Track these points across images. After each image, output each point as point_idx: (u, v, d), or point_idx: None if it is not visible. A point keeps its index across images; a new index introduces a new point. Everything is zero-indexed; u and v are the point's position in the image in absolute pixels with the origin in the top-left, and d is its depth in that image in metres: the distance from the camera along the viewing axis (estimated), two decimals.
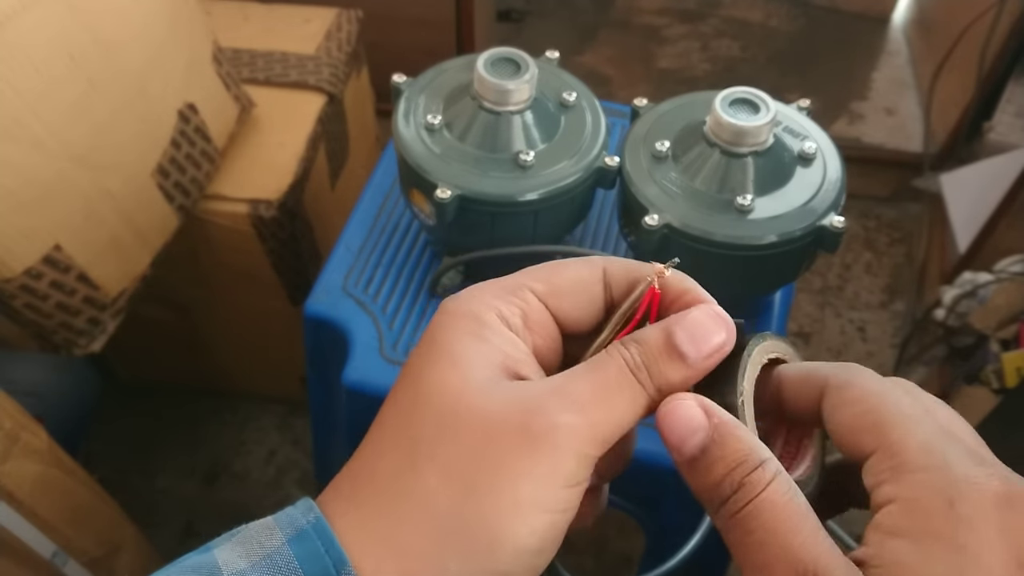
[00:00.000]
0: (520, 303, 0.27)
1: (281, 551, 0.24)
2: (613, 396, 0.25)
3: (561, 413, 0.24)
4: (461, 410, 0.25)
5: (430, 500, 0.24)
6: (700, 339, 0.26)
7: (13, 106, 0.63)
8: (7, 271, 0.66)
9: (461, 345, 0.26)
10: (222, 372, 1.17)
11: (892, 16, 1.85)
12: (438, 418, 0.25)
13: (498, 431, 0.24)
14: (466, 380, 0.25)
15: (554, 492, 0.24)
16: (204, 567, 0.24)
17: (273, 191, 0.89)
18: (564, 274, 0.28)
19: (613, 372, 0.25)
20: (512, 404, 0.25)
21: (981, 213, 1.13)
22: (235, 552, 0.24)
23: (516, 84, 0.55)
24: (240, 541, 0.25)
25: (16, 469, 0.65)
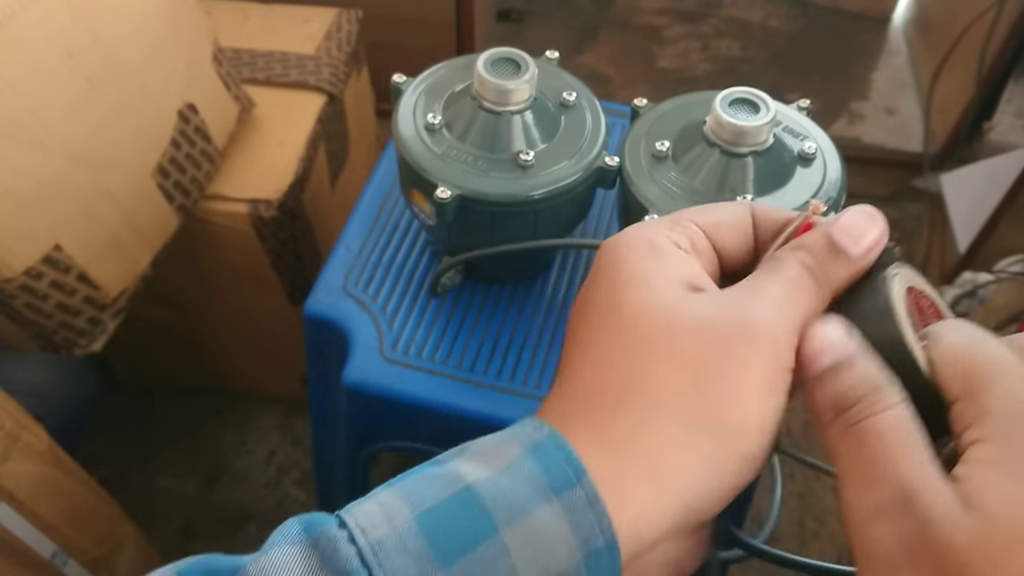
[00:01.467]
0: (685, 230, 0.29)
1: (522, 460, 0.25)
2: (797, 293, 0.27)
3: (762, 306, 0.26)
4: (668, 325, 0.26)
5: (662, 397, 0.25)
6: (858, 235, 0.27)
7: (12, 106, 0.63)
8: (7, 271, 0.66)
9: (645, 266, 0.27)
10: (222, 372, 1.17)
11: (892, 16, 1.85)
12: (647, 337, 0.26)
13: (711, 333, 0.26)
14: (663, 298, 0.27)
15: (775, 375, 0.26)
16: (447, 475, 0.25)
17: (273, 191, 0.89)
18: (720, 209, 0.30)
19: (794, 272, 0.27)
20: (717, 307, 0.26)
21: (981, 213, 1.13)
22: (473, 462, 0.25)
23: (516, 84, 0.55)
24: (474, 454, 0.26)
25: (16, 469, 0.65)
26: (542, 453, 0.25)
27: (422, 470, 0.25)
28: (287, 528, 0.25)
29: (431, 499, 0.24)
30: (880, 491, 0.23)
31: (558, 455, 0.24)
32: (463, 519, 0.23)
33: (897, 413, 0.24)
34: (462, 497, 0.24)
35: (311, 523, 0.25)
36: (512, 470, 0.24)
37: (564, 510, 0.23)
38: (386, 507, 0.24)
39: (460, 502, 0.24)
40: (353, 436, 0.66)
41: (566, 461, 0.24)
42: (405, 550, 0.23)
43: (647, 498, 0.24)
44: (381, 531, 0.23)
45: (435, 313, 0.64)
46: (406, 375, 0.60)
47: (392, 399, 0.59)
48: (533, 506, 0.23)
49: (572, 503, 0.24)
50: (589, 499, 0.24)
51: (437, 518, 0.23)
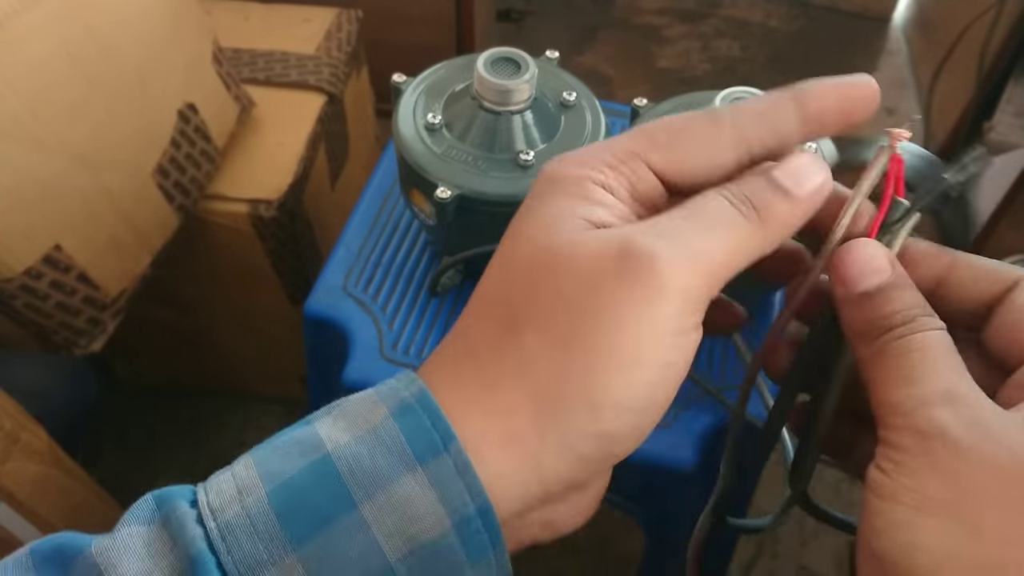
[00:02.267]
0: (629, 174, 0.25)
1: (386, 425, 0.23)
2: (713, 224, 0.24)
3: (656, 240, 0.23)
4: (552, 262, 0.23)
5: (528, 361, 0.23)
6: (801, 176, 0.25)
7: (12, 106, 0.63)
8: (7, 271, 0.66)
9: (553, 203, 0.25)
10: (222, 372, 1.17)
11: (892, 16, 1.85)
12: (530, 275, 0.24)
13: (592, 274, 0.23)
14: (555, 233, 0.24)
15: (657, 339, 0.23)
16: (306, 440, 0.23)
17: (273, 191, 0.89)
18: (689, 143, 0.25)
19: (711, 202, 0.24)
20: (604, 243, 0.23)
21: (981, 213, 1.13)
22: (337, 426, 0.23)
23: (516, 84, 0.55)
24: (341, 414, 0.24)
25: (16, 469, 0.65)
26: (408, 415, 0.23)
27: (289, 432, 0.24)
28: (141, 504, 0.24)
29: (286, 471, 0.22)
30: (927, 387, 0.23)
31: (424, 419, 0.23)
32: (318, 493, 0.22)
33: (942, 335, 0.24)
34: (318, 468, 0.22)
35: (164, 498, 0.23)
36: (374, 436, 0.23)
37: (430, 481, 0.22)
38: (240, 481, 0.23)
39: (315, 474, 0.22)
40: None
41: (433, 425, 0.23)
42: (255, 532, 0.22)
43: (501, 465, 0.23)
44: (231, 511, 0.22)
45: (435, 313, 0.64)
46: None
47: None
48: (396, 476, 0.22)
49: (439, 473, 0.22)
50: (458, 468, 0.22)
51: (291, 492, 0.22)
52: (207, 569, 0.21)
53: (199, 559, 0.21)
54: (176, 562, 0.22)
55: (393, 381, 0.24)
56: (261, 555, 0.22)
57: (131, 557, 0.22)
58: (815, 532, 1.14)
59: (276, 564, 0.21)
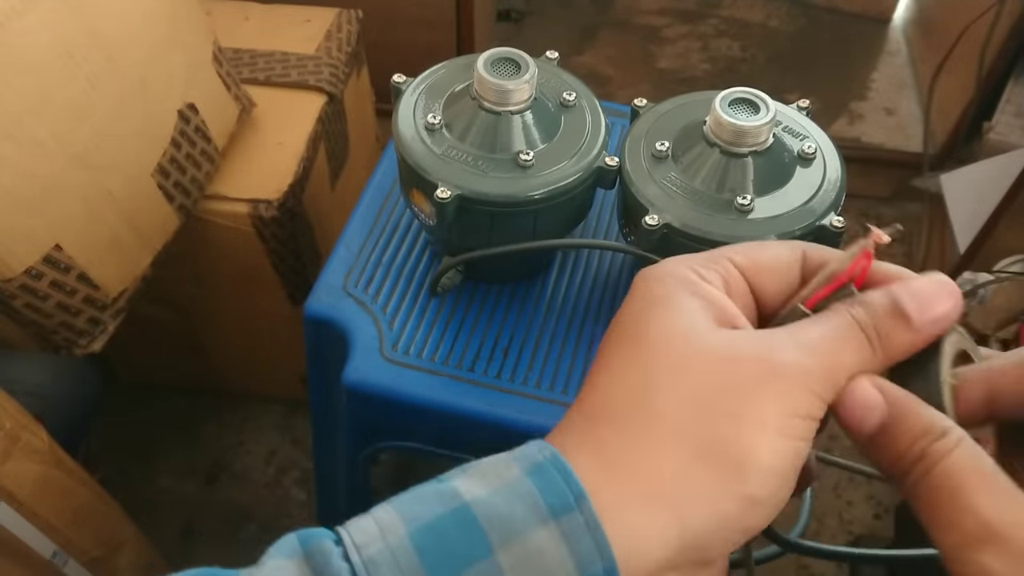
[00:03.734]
0: (721, 270, 0.28)
1: (520, 481, 0.24)
2: (842, 346, 0.25)
3: (795, 351, 0.25)
4: (690, 352, 0.25)
5: (672, 423, 0.24)
6: (926, 303, 0.26)
7: (13, 106, 0.63)
8: (7, 271, 0.66)
9: (679, 297, 0.27)
10: (222, 372, 1.17)
11: (892, 16, 1.85)
12: (667, 361, 0.25)
13: (731, 367, 0.25)
14: (691, 325, 0.26)
15: (793, 419, 0.25)
16: (445, 492, 0.24)
17: (273, 191, 0.89)
18: (764, 251, 0.29)
19: (844, 324, 0.26)
20: (745, 342, 0.25)
21: (981, 213, 1.13)
22: (472, 480, 0.25)
23: (516, 84, 0.55)
24: (476, 474, 0.25)
25: (16, 469, 0.65)
26: (541, 474, 0.24)
27: (424, 486, 0.25)
28: (284, 541, 0.25)
29: (426, 515, 0.24)
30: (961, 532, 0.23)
31: (557, 477, 0.24)
32: (457, 537, 0.23)
33: (961, 453, 0.24)
34: (457, 514, 0.24)
35: (308, 537, 0.25)
36: (510, 489, 0.24)
37: (562, 535, 0.23)
38: (382, 523, 0.24)
39: (455, 520, 0.24)
40: (353, 436, 0.66)
41: (566, 483, 0.24)
42: (397, 567, 0.23)
43: (642, 522, 0.24)
44: (375, 548, 0.23)
45: (435, 313, 0.64)
46: (406, 375, 0.60)
47: (392, 399, 0.59)
48: (530, 528, 0.23)
49: (571, 528, 0.23)
50: (588, 525, 0.23)
51: (431, 535, 0.23)
52: None
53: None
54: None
55: (525, 446, 0.26)
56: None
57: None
58: (815, 532, 1.14)
59: None
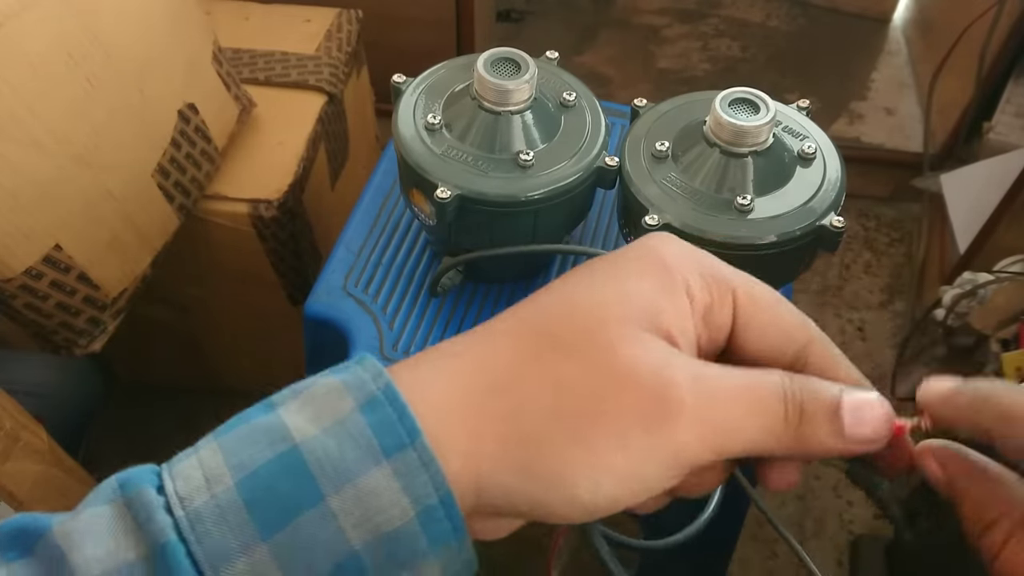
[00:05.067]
0: (715, 296, 0.26)
1: (353, 418, 0.23)
2: (753, 410, 0.24)
3: (696, 404, 0.23)
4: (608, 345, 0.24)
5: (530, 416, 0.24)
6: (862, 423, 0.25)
7: (12, 106, 0.63)
8: (7, 271, 0.66)
9: (637, 284, 0.25)
10: (222, 372, 1.17)
11: (892, 16, 1.85)
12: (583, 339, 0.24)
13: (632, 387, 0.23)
14: (627, 319, 0.24)
15: (643, 481, 0.24)
16: (274, 430, 0.24)
17: (273, 191, 0.89)
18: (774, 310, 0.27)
19: (768, 385, 0.25)
20: (657, 361, 0.24)
21: (981, 213, 1.13)
22: (303, 414, 0.24)
23: (516, 84, 0.55)
24: (307, 401, 0.24)
25: (16, 469, 0.65)
26: (374, 410, 0.23)
27: (253, 415, 0.25)
28: (104, 486, 0.24)
29: (255, 460, 0.23)
30: None
31: (391, 413, 0.23)
32: (287, 485, 0.23)
33: None
34: (287, 460, 0.23)
35: (127, 482, 0.24)
36: (342, 428, 0.23)
37: (395, 473, 0.23)
38: (207, 469, 0.23)
39: (284, 466, 0.23)
40: None
41: (399, 420, 0.23)
42: (225, 521, 0.22)
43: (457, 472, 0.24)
44: (200, 500, 0.22)
45: (435, 313, 0.64)
46: None
47: None
48: (362, 469, 0.23)
49: (404, 465, 0.23)
50: (423, 461, 0.23)
51: (259, 483, 0.23)
52: (177, 558, 0.22)
53: (168, 547, 0.22)
54: (142, 547, 0.22)
55: (359, 369, 0.25)
56: (231, 544, 0.22)
57: (94, 539, 0.22)
58: (815, 532, 1.14)
59: (245, 553, 0.22)
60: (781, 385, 0.25)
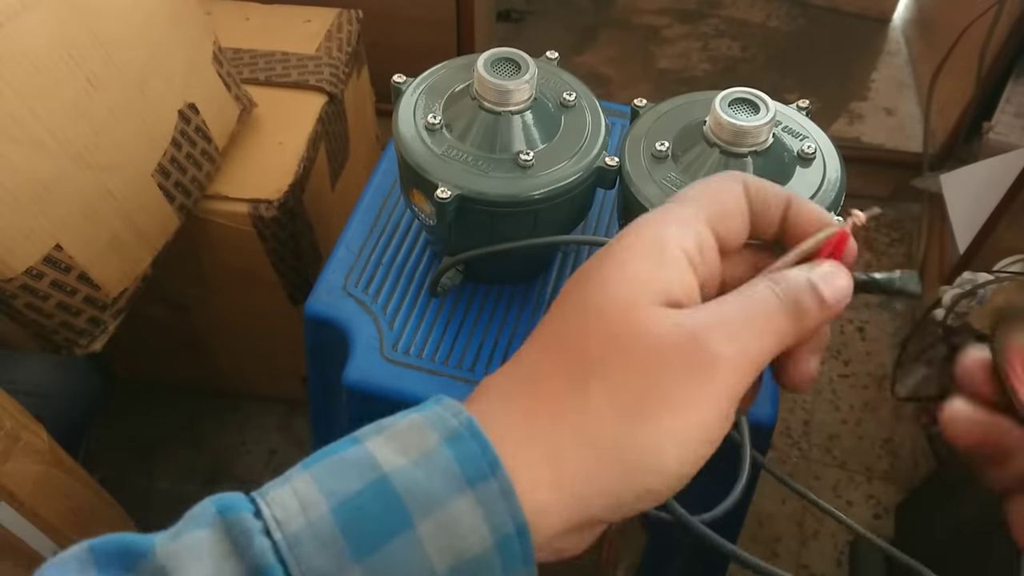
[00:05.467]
0: (697, 235, 0.29)
1: (439, 451, 0.25)
2: (763, 325, 0.27)
3: (722, 343, 0.26)
4: (632, 332, 0.26)
5: (594, 420, 0.26)
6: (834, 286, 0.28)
7: (13, 106, 0.63)
8: (8, 271, 0.66)
9: (636, 266, 0.27)
10: (222, 372, 1.17)
11: (892, 16, 1.85)
12: (608, 336, 0.26)
13: (666, 358, 0.26)
14: (637, 302, 0.27)
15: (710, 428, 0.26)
16: (363, 461, 0.25)
17: (273, 191, 0.89)
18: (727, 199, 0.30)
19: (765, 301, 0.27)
20: (680, 330, 0.26)
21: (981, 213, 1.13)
22: (390, 448, 0.25)
23: (516, 84, 0.55)
24: (392, 436, 0.26)
25: (17, 469, 0.65)
26: (458, 444, 0.25)
27: (340, 449, 0.26)
28: (201, 510, 0.25)
29: (347, 489, 0.24)
30: None
31: (474, 446, 0.25)
32: (378, 510, 0.24)
33: None
34: (377, 487, 0.24)
35: (226, 507, 0.25)
36: (428, 460, 0.25)
37: (477, 502, 0.24)
38: (302, 497, 0.24)
39: (375, 493, 0.24)
40: None
41: (482, 452, 0.25)
42: (321, 545, 0.23)
43: (547, 500, 0.25)
44: (297, 524, 0.24)
45: (435, 313, 0.64)
46: (406, 375, 0.60)
47: (392, 399, 0.59)
48: (448, 498, 0.24)
49: (486, 495, 0.24)
50: (503, 491, 0.24)
51: (352, 510, 0.24)
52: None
53: (269, 570, 0.23)
54: (241, 569, 0.23)
55: (439, 408, 0.26)
56: (327, 567, 0.23)
57: (197, 561, 0.23)
58: (815, 532, 1.14)
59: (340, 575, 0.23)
60: (774, 292, 0.27)
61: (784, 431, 1.23)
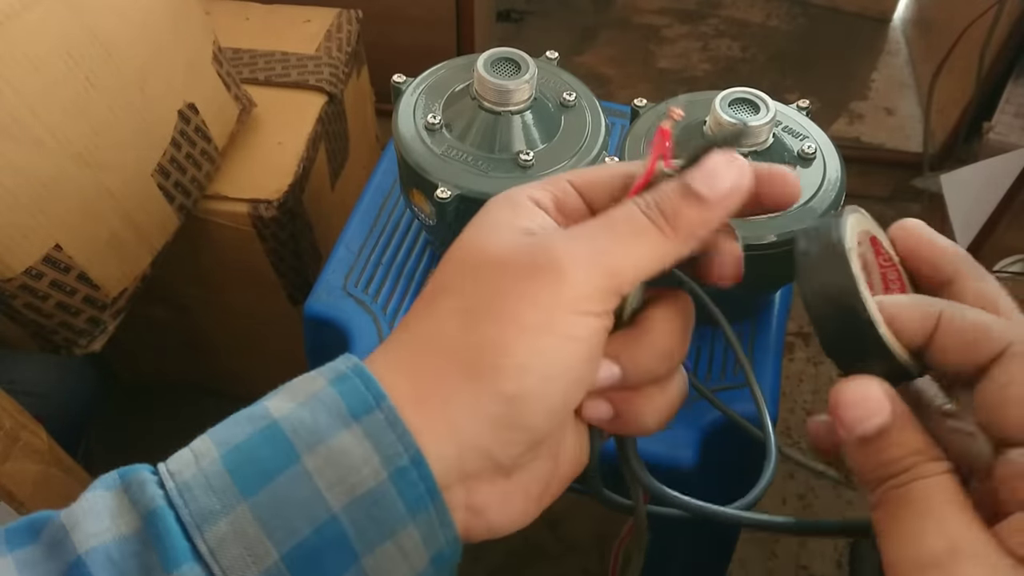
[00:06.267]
0: (554, 190, 0.29)
1: (325, 391, 0.25)
2: (622, 230, 0.26)
3: (565, 242, 0.26)
4: (478, 256, 0.27)
5: (440, 329, 0.26)
6: (714, 178, 0.26)
7: (12, 106, 0.63)
8: (7, 271, 0.66)
9: (490, 215, 0.28)
10: (222, 372, 1.17)
11: (892, 16, 1.85)
12: (459, 266, 0.27)
13: (506, 265, 0.26)
14: (488, 235, 0.27)
15: (560, 316, 0.25)
16: (255, 411, 0.26)
17: (273, 191, 0.89)
18: (598, 171, 0.30)
19: (622, 212, 0.27)
20: (523, 243, 0.26)
21: (981, 213, 1.13)
22: (281, 397, 0.26)
23: (516, 84, 0.55)
24: (286, 390, 0.27)
25: (16, 469, 0.65)
26: (343, 382, 0.26)
27: (240, 412, 0.27)
28: (106, 476, 0.26)
29: (237, 437, 0.25)
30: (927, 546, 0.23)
31: (358, 382, 0.25)
32: (266, 451, 0.24)
33: (944, 479, 0.24)
34: (266, 432, 0.25)
35: (127, 470, 0.26)
36: (315, 400, 0.25)
37: (364, 433, 0.24)
38: (196, 450, 0.25)
39: (264, 437, 0.25)
40: None
41: (366, 387, 0.25)
42: (210, 487, 0.24)
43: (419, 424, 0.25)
44: (188, 473, 0.24)
45: None
46: None
47: None
48: (333, 431, 0.24)
49: (372, 426, 0.24)
50: (389, 421, 0.24)
51: (241, 454, 0.25)
52: (167, 523, 0.23)
53: (158, 513, 0.24)
54: (136, 519, 0.24)
55: (336, 362, 0.27)
56: (215, 506, 0.24)
57: (94, 516, 0.24)
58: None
59: (228, 513, 0.24)
60: (635, 205, 0.27)
61: (784, 431, 1.23)
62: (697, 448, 0.57)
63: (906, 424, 0.25)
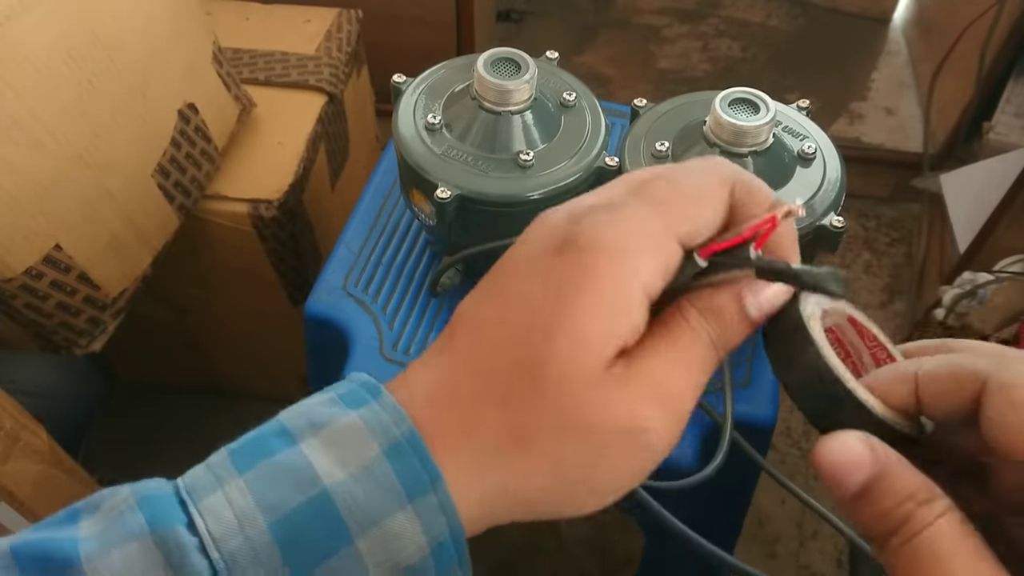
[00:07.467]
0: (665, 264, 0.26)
1: (379, 464, 0.24)
2: (694, 370, 0.26)
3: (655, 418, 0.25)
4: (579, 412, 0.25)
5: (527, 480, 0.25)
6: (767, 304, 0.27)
7: (12, 106, 0.63)
8: (7, 271, 0.66)
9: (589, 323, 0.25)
10: (222, 372, 1.17)
11: (892, 16, 1.85)
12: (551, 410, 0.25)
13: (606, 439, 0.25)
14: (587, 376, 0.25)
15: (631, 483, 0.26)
16: (301, 471, 0.24)
17: (273, 191, 0.89)
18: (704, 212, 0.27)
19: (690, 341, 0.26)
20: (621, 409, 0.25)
21: (981, 213, 1.13)
22: (329, 457, 0.24)
23: (516, 84, 0.55)
24: (330, 443, 0.25)
25: (16, 469, 0.65)
26: (399, 457, 0.24)
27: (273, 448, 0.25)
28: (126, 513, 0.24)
29: (285, 504, 0.24)
30: None
31: (415, 461, 0.24)
32: (318, 527, 0.24)
33: (947, 521, 0.23)
34: (317, 505, 0.24)
35: (156, 517, 0.24)
36: (369, 474, 0.24)
37: (417, 515, 0.24)
38: (238, 510, 0.24)
39: (314, 511, 0.24)
40: None
41: (423, 466, 0.24)
42: (259, 563, 0.23)
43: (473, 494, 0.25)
44: (235, 542, 0.23)
45: (435, 313, 0.64)
46: None
47: None
48: (388, 514, 0.24)
49: (425, 509, 0.24)
50: (442, 505, 0.24)
51: (292, 526, 0.23)
52: None
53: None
54: None
55: (377, 408, 0.25)
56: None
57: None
58: (815, 532, 1.14)
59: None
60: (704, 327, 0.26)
61: (784, 431, 1.23)
62: (696, 449, 0.57)
63: (892, 470, 0.24)
